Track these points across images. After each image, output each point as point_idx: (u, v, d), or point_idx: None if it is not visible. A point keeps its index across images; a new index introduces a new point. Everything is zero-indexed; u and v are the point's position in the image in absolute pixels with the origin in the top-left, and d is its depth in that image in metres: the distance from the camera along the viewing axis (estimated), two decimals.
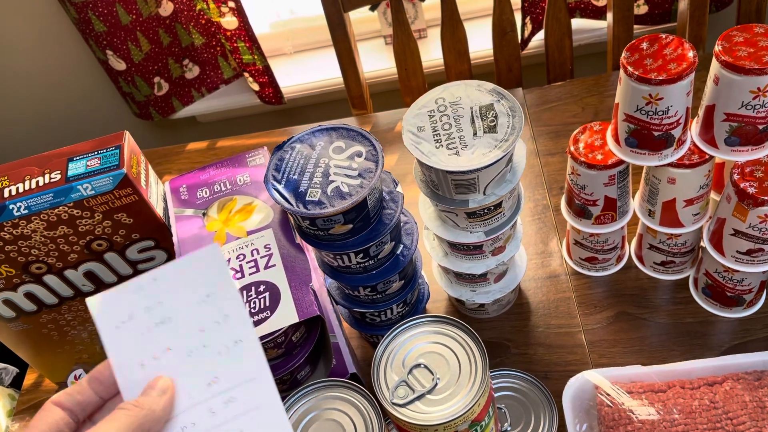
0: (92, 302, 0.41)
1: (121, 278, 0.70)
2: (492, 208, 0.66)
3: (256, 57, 1.37)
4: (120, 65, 1.38)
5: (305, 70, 1.50)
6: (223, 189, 0.68)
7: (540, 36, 1.38)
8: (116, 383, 0.41)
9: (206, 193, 0.68)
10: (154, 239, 0.68)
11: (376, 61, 1.47)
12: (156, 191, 0.68)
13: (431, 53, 1.44)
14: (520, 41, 1.36)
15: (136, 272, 0.70)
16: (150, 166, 0.69)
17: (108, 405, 0.42)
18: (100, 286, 0.71)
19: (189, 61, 1.46)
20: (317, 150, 0.64)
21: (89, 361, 0.80)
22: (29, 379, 0.89)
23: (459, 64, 1.18)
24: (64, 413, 0.40)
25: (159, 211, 0.67)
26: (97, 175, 0.62)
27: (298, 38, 1.52)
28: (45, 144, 1.61)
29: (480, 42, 1.32)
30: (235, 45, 1.36)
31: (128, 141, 0.65)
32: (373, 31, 1.53)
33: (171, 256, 0.70)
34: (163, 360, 0.41)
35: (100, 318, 0.41)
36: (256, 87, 1.44)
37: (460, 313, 0.84)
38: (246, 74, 1.42)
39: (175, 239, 0.64)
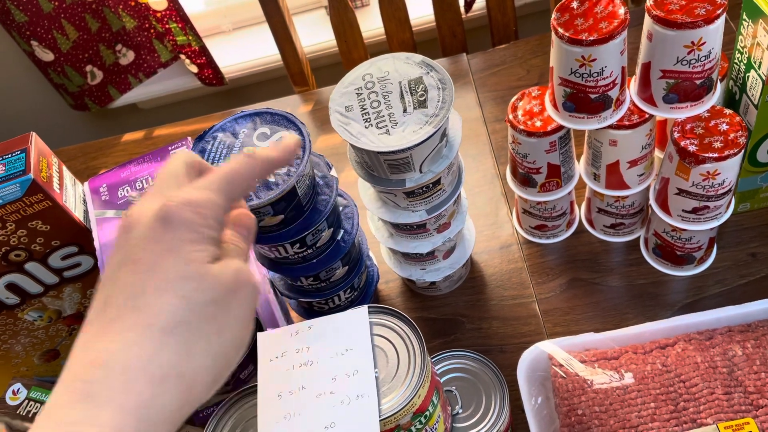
0: (260, 337, 0.49)
1: (47, 288, 0.66)
2: (430, 185, 0.64)
3: (190, 38, 1.31)
4: (47, 56, 1.31)
5: (246, 48, 1.45)
6: (146, 186, 0.64)
7: None
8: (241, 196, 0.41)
9: (128, 192, 0.64)
10: (77, 245, 0.64)
11: (319, 34, 1.42)
12: (74, 193, 0.64)
13: (374, 23, 1.39)
14: (463, 4, 1.32)
15: (63, 280, 0.66)
16: (65, 167, 0.64)
17: None
18: (25, 297, 0.67)
19: (122, 46, 1.40)
20: (240, 138, 0.60)
21: (28, 374, 0.77)
22: None
23: (401, 32, 1.14)
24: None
25: (78, 214, 0.63)
26: (3, 182, 0.57)
27: (235, 14, 1.46)
28: None
29: (421, 8, 1.28)
30: (167, 26, 1.30)
31: (35, 143, 0.61)
32: (313, 2, 1.47)
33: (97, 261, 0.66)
34: (295, 396, 0.46)
35: (261, 351, 0.48)
36: (194, 69, 1.38)
37: (413, 292, 0.82)
38: (182, 56, 1.36)
39: (96, 244, 0.60)
